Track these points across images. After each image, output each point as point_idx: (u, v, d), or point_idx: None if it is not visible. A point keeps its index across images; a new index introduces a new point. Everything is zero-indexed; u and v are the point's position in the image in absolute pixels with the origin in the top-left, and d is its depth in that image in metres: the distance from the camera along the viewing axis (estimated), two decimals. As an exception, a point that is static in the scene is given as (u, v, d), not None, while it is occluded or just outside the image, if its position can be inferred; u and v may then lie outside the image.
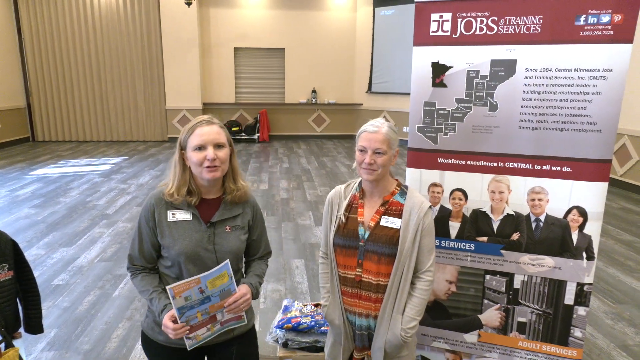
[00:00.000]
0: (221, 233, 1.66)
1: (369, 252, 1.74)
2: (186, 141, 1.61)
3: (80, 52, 10.31)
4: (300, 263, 4.22)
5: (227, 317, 1.64)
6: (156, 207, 1.63)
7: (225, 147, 1.61)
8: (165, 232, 1.62)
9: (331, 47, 11.36)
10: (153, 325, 1.68)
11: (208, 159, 1.56)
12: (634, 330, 3.17)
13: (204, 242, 1.63)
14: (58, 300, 3.47)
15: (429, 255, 1.74)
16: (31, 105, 10.45)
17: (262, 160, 9.11)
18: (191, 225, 1.63)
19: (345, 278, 1.79)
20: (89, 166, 8.19)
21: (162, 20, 10.34)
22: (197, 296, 1.53)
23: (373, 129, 1.71)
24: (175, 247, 1.60)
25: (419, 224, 1.70)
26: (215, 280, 1.55)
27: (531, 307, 2.12)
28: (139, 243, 1.66)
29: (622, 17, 1.79)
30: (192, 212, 1.64)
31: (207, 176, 1.58)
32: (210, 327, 1.62)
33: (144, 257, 1.66)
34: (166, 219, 1.62)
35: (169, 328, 1.53)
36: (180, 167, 1.63)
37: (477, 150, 2.07)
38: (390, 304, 1.73)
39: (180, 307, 1.51)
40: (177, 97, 10.76)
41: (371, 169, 1.70)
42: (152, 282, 1.66)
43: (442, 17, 2.02)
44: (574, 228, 2.00)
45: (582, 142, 1.92)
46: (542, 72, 1.93)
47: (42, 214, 5.47)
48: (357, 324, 1.80)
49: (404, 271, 1.71)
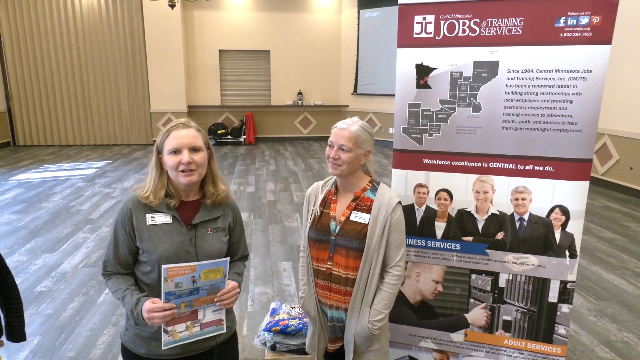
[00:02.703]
0: (202, 235, 1.63)
1: (339, 246, 1.78)
2: (162, 145, 1.58)
3: (62, 55, 10.16)
4: (287, 265, 4.21)
5: (208, 318, 1.61)
6: (134, 210, 1.59)
7: (201, 151, 1.59)
8: (144, 236, 1.57)
9: (317, 49, 11.38)
10: (134, 339, 1.63)
11: (183, 163, 1.54)
12: (617, 327, 3.22)
13: (186, 244, 1.59)
14: (41, 307, 3.41)
15: (398, 250, 1.78)
16: (11, 109, 10.27)
17: (248, 162, 9.07)
18: (172, 228, 1.59)
19: (318, 271, 1.84)
20: (72, 170, 8.07)
21: (146, 22, 10.24)
22: (188, 285, 1.51)
23: (343, 125, 1.76)
24: (156, 251, 1.56)
25: (387, 219, 1.74)
26: (209, 272, 1.53)
27: (516, 306, 2.14)
28: (114, 248, 1.60)
29: (601, 19, 1.82)
30: (171, 214, 1.60)
31: (183, 180, 1.56)
32: (189, 325, 1.58)
33: (119, 262, 1.61)
34: (145, 222, 1.58)
35: (154, 310, 1.47)
36: (157, 171, 1.61)
37: (461, 150, 2.09)
38: (359, 297, 1.77)
39: (169, 292, 1.49)
40: (162, 99, 10.67)
41: (335, 163, 1.75)
42: (126, 282, 1.61)
43: (425, 19, 2.03)
44: (556, 227, 2.03)
45: (564, 142, 1.95)
46: (524, 73, 1.95)
47: (24, 220, 5.37)
48: (329, 315, 1.85)
49: (372, 265, 1.75)
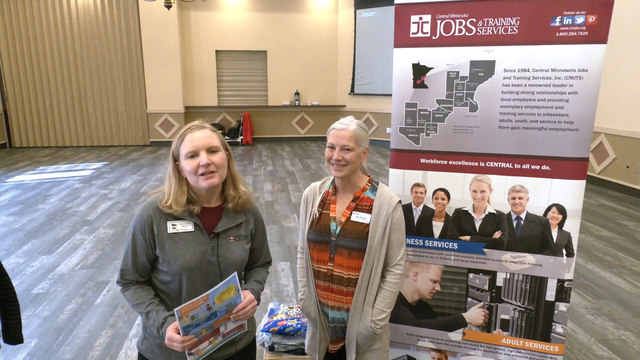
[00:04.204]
0: (225, 244, 1.56)
1: (340, 246, 1.77)
2: (178, 150, 1.51)
3: (57, 56, 10.13)
4: (285, 266, 4.21)
5: (229, 328, 1.56)
6: (154, 217, 1.50)
7: (219, 151, 1.52)
8: (165, 245, 1.49)
9: (313, 49, 11.37)
10: (154, 348, 1.57)
11: (202, 165, 1.45)
12: (614, 325, 3.24)
13: (208, 254, 1.52)
14: (38, 309, 3.40)
15: (399, 249, 1.78)
16: (7, 111, 10.23)
17: (245, 163, 9.06)
18: (194, 237, 1.51)
19: (319, 272, 1.83)
20: (69, 172, 8.04)
21: (142, 23, 10.21)
22: (204, 313, 1.43)
23: (341, 126, 1.75)
24: (177, 261, 1.49)
25: (388, 218, 1.74)
26: (222, 294, 1.45)
27: (514, 305, 2.15)
28: (133, 257, 1.52)
29: (596, 18, 1.83)
30: (194, 221, 1.52)
31: (204, 184, 1.48)
32: (212, 340, 1.53)
33: (138, 271, 1.54)
34: (166, 230, 1.50)
35: (175, 341, 1.40)
36: (175, 179, 1.52)
37: (458, 150, 2.10)
38: (361, 297, 1.77)
39: (186, 325, 1.41)
40: (159, 100, 10.64)
41: (339, 164, 1.73)
42: (147, 294, 1.53)
43: (421, 18, 2.03)
44: (553, 225, 2.04)
45: (560, 141, 1.96)
46: (520, 72, 1.96)
47: (20, 222, 5.35)
48: (330, 316, 1.84)
49: (374, 265, 1.75)
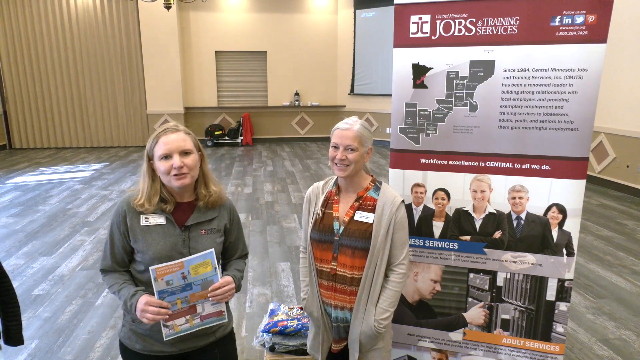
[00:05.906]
0: (196, 237, 1.64)
1: (343, 246, 1.78)
2: (152, 151, 1.59)
3: (57, 57, 10.14)
4: (286, 266, 4.21)
5: (207, 310, 1.63)
6: (127, 211, 1.61)
7: (192, 154, 1.60)
8: (138, 237, 1.60)
9: (313, 50, 11.38)
10: (130, 335, 1.67)
11: (174, 167, 1.54)
12: (614, 324, 3.23)
13: (179, 245, 1.61)
14: (39, 310, 3.40)
15: (402, 249, 1.79)
16: (7, 112, 10.23)
17: (245, 163, 9.06)
18: (165, 229, 1.61)
19: (322, 271, 1.84)
20: (69, 173, 8.05)
21: (142, 24, 10.22)
22: (179, 282, 1.53)
23: (345, 126, 1.75)
24: (149, 251, 1.58)
25: (392, 218, 1.75)
26: (198, 267, 1.55)
27: (514, 304, 2.15)
28: (111, 247, 1.64)
29: (596, 18, 1.83)
30: (165, 215, 1.62)
31: (176, 184, 1.57)
32: (189, 318, 1.60)
33: (116, 261, 1.64)
34: (139, 223, 1.60)
35: (149, 304, 1.50)
36: (149, 177, 1.62)
37: (458, 150, 2.10)
38: (365, 296, 1.77)
39: (161, 290, 1.51)
40: (158, 101, 10.65)
41: (343, 164, 1.73)
42: (123, 277, 1.64)
43: (421, 18, 2.03)
44: (553, 225, 2.04)
45: (560, 140, 1.96)
46: (520, 72, 1.96)
47: (20, 223, 5.35)
48: (333, 316, 1.85)
49: (377, 264, 1.75)
